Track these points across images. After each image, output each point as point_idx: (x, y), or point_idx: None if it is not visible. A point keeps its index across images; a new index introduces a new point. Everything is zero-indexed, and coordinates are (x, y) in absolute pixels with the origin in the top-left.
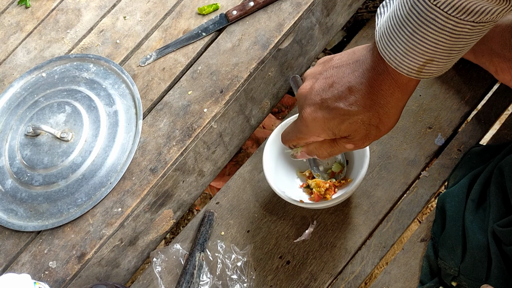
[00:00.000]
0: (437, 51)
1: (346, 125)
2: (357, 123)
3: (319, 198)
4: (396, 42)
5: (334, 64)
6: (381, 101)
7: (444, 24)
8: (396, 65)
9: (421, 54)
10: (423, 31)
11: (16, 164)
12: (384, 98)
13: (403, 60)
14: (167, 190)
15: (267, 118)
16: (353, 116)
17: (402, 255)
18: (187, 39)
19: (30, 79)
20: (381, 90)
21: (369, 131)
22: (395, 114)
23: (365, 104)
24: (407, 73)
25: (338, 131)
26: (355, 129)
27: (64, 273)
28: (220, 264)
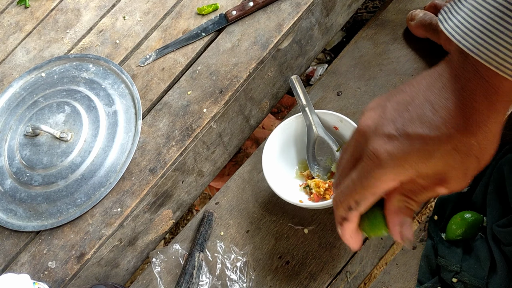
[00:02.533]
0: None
1: (437, 159)
2: (450, 154)
3: (318, 198)
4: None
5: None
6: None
7: None
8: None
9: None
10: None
11: (16, 164)
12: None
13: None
14: (166, 190)
15: (267, 118)
16: (443, 145)
17: (402, 255)
18: (187, 39)
19: (29, 79)
20: (475, 102)
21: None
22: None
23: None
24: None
25: (425, 168)
26: (448, 163)
27: (64, 273)
28: (219, 264)
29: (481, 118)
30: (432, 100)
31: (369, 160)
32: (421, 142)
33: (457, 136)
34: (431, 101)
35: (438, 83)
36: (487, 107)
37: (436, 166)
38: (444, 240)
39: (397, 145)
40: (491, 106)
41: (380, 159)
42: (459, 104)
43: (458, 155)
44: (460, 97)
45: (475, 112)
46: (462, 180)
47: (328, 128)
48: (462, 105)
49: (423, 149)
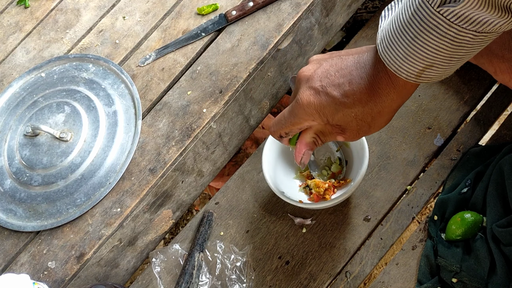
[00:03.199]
0: (437, 58)
1: (340, 116)
2: (350, 116)
3: (318, 198)
4: (397, 46)
5: (341, 54)
6: (376, 100)
7: (446, 31)
8: (395, 69)
9: (421, 59)
10: (425, 36)
11: (15, 164)
12: (380, 97)
13: (402, 64)
14: (166, 190)
15: (267, 118)
16: (348, 109)
17: (401, 255)
18: (187, 39)
19: (29, 79)
20: (378, 89)
21: (361, 127)
22: (387, 114)
23: (361, 99)
24: (405, 77)
25: (331, 119)
26: (347, 122)
27: (63, 273)
28: (219, 265)
29: (379, 100)
30: (353, 74)
31: (296, 103)
32: (333, 101)
33: (358, 107)
34: (351, 75)
35: (362, 64)
36: (386, 94)
37: (339, 120)
38: (444, 240)
39: (317, 98)
40: (388, 94)
41: (303, 104)
42: (367, 86)
43: (354, 119)
44: (370, 82)
45: (377, 95)
46: (354, 135)
47: None
48: (369, 88)
49: (333, 106)
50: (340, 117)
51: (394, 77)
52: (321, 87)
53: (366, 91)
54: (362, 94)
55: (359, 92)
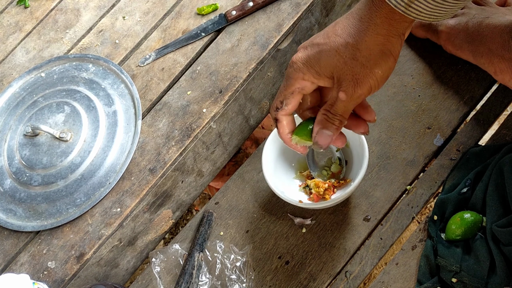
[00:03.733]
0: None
1: (325, 59)
2: (336, 56)
3: (318, 198)
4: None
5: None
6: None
7: None
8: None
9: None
10: None
11: (15, 164)
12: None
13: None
14: (166, 190)
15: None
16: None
17: (401, 255)
18: (186, 39)
19: (29, 79)
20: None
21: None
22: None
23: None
24: (395, 4)
25: (319, 67)
26: (335, 65)
27: (63, 273)
28: (219, 264)
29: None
30: (338, 21)
31: (288, 66)
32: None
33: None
34: (337, 22)
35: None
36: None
37: (326, 66)
38: (443, 240)
39: (303, 52)
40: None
41: (293, 63)
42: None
43: (340, 58)
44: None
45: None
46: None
47: None
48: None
49: (318, 51)
50: (326, 60)
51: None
52: (310, 42)
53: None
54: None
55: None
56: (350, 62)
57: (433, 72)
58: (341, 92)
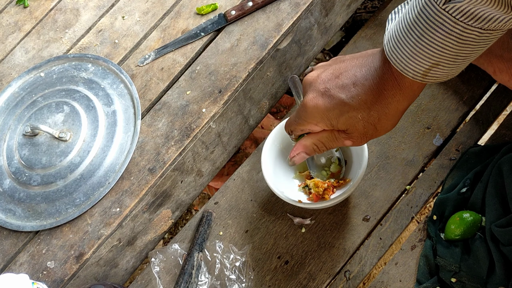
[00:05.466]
0: (443, 56)
1: (345, 118)
2: (356, 118)
3: (317, 198)
4: (403, 45)
5: (345, 58)
6: (382, 101)
7: (452, 28)
8: (401, 68)
9: (427, 58)
10: (431, 34)
11: (14, 164)
12: (386, 99)
13: (408, 63)
14: (165, 190)
15: (266, 118)
16: (353, 111)
17: (401, 255)
18: (186, 39)
19: (28, 78)
20: (384, 90)
21: (367, 130)
22: (394, 117)
23: (366, 101)
24: (412, 76)
25: (336, 123)
26: (353, 124)
27: (62, 273)
28: (218, 264)
29: (385, 102)
30: (357, 76)
31: (301, 106)
32: (338, 103)
33: (364, 108)
34: (356, 77)
35: (367, 66)
36: (391, 95)
37: (344, 123)
38: (443, 240)
39: (322, 100)
40: (394, 95)
41: (307, 107)
42: (373, 87)
43: (360, 121)
44: (376, 83)
45: (382, 97)
46: (361, 139)
47: None
48: (375, 89)
49: (338, 109)
50: (345, 120)
51: (400, 78)
52: (325, 89)
53: (371, 92)
54: (368, 95)
55: (364, 93)
56: (367, 125)
57: None
58: (348, 141)
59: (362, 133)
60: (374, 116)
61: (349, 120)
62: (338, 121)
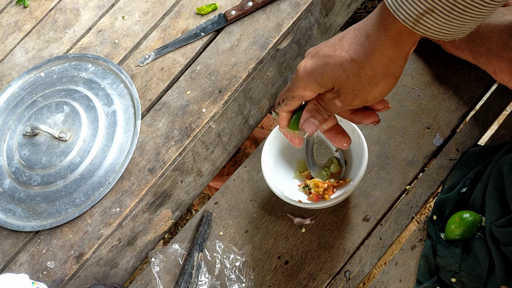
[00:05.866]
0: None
1: (328, 72)
2: (339, 70)
3: (317, 198)
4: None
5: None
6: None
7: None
8: (394, 8)
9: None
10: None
11: (14, 164)
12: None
13: (404, 2)
14: (165, 190)
15: (266, 118)
16: (335, 62)
17: (401, 255)
18: (186, 39)
19: (28, 78)
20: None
21: (354, 84)
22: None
23: (349, 50)
24: (404, 19)
25: (321, 79)
26: (337, 78)
27: (62, 273)
28: (218, 264)
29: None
30: (345, 32)
31: (295, 72)
32: (322, 58)
33: (345, 57)
34: (344, 33)
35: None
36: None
37: (329, 78)
38: (443, 240)
39: (310, 61)
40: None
41: (297, 71)
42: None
43: (343, 72)
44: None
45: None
46: (352, 97)
47: None
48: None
49: (322, 63)
50: (329, 74)
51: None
52: (316, 52)
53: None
54: (352, 45)
55: (348, 44)
56: (352, 78)
57: (433, 72)
58: (337, 100)
59: (351, 88)
60: (358, 66)
61: (332, 73)
62: (322, 77)
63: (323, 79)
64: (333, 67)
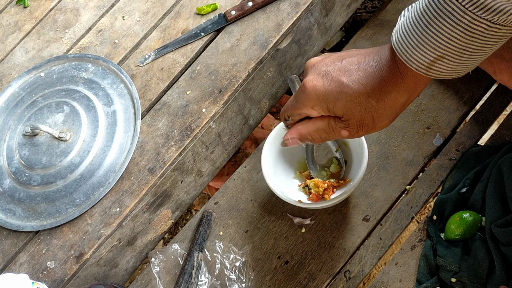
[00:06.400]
0: (450, 48)
1: (343, 102)
2: (354, 103)
3: (317, 198)
4: (410, 34)
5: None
6: (382, 89)
7: (460, 18)
8: (406, 59)
9: (433, 48)
10: (438, 23)
11: (14, 164)
12: (386, 87)
13: (414, 53)
14: (165, 190)
15: (266, 118)
16: (352, 94)
17: (401, 255)
18: (186, 39)
19: (28, 78)
20: (386, 78)
21: (364, 118)
22: (392, 109)
23: (367, 85)
24: (416, 68)
25: (333, 107)
26: (350, 110)
27: (62, 273)
28: (218, 264)
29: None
30: (361, 63)
31: (300, 88)
32: (338, 85)
33: (362, 93)
34: (359, 63)
35: (373, 55)
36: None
37: (341, 108)
38: (443, 240)
39: (321, 82)
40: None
41: (306, 88)
42: (375, 73)
43: (358, 106)
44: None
45: (383, 84)
46: (357, 129)
47: None
48: (377, 75)
49: (337, 92)
50: (343, 104)
51: (404, 69)
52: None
53: (372, 78)
54: (368, 80)
55: (365, 78)
56: (364, 113)
57: None
58: (344, 130)
59: (359, 122)
60: (372, 104)
61: (347, 104)
62: (335, 105)
63: (335, 107)
64: (350, 98)
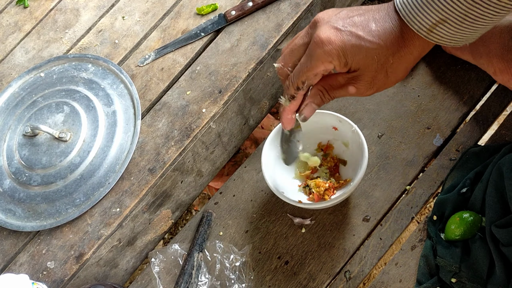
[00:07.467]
0: (452, 12)
1: (362, 56)
2: (372, 57)
3: (318, 198)
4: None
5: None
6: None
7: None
8: (408, 19)
9: (436, 10)
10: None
11: (14, 164)
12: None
13: (417, 14)
14: (165, 190)
15: (266, 118)
16: (372, 49)
17: (401, 255)
18: (186, 39)
19: (28, 79)
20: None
21: (378, 74)
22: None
23: (386, 40)
24: (417, 29)
25: (352, 60)
26: (367, 64)
27: (62, 274)
28: (218, 264)
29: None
30: (376, 18)
31: (314, 42)
32: (357, 39)
33: (383, 48)
34: (376, 18)
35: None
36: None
37: (359, 62)
38: (443, 240)
39: (339, 36)
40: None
41: (322, 42)
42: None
43: (376, 61)
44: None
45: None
46: (368, 85)
47: (327, 128)
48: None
49: (356, 45)
50: (362, 58)
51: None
52: (343, 26)
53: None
54: (387, 36)
55: (384, 32)
56: (380, 68)
57: (433, 72)
58: (352, 86)
59: (372, 78)
60: (389, 59)
61: (365, 58)
62: (353, 59)
63: (353, 61)
64: (368, 52)
